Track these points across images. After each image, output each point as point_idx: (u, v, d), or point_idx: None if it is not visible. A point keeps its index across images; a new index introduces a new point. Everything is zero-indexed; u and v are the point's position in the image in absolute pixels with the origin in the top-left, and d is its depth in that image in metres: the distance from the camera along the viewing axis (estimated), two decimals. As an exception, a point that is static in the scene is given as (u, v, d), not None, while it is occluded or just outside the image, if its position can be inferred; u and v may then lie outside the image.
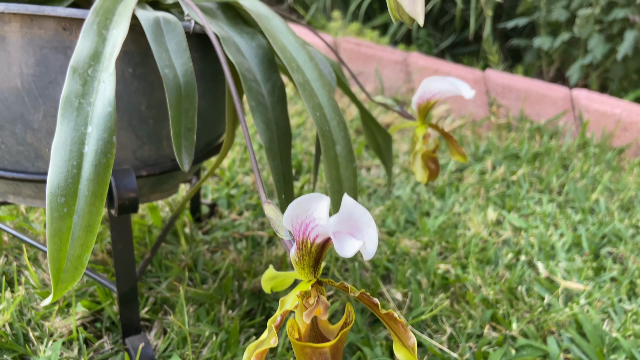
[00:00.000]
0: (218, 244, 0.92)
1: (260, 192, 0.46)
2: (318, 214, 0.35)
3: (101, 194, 0.40)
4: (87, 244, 0.39)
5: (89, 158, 0.41)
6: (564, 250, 1.04)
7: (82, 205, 0.39)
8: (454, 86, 0.69)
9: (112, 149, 0.41)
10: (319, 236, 0.36)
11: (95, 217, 0.39)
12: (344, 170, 0.54)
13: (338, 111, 0.55)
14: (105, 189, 0.41)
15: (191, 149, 0.52)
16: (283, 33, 0.58)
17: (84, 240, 0.39)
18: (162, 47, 0.51)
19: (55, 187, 0.38)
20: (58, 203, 0.38)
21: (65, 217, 0.38)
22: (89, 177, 0.40)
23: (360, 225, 0.34)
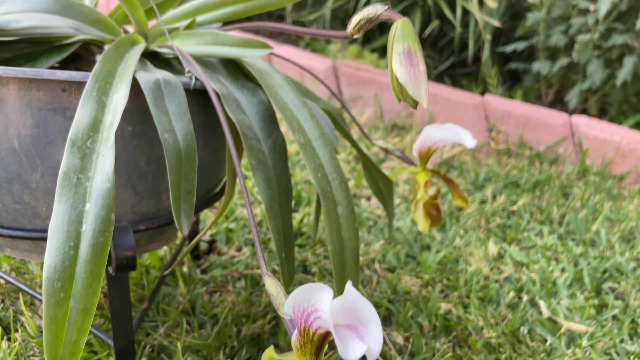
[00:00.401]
0: (217, 284, 0.91)
1: (261, 263, 0.45)
2: (321, 305, 0.34)
3: (98, 275, 0.39)
4: (83, 328, 0.38)
5: (87, 238, 0.40)
6: (566, 286, 1.03)
7: (79, 288, 0.38)
8: (456, 135, 0.68)
9: (110, 227, 0.40)
10: (322, 328, 0.35)
11: (92, 300, 0.39)
12: (345, 231, 0.53)
13: (340, 171, 0.55)
14: (102, 269, 0.40)
15: (191, 212, 0.51)
16: (284, 90, 0.58)
17: (81, 324, 0.38)
18: (162, 111, 0.50)
19: (51, 272, 0.38)
20: (54, 288, 0.37)
21: (62, 303, 0.37)
22: (86, 258, 0.39)
23: (364, 319, 0.33)
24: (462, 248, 1.12)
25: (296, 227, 1.10)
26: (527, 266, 1.08)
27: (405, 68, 0.36)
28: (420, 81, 0.35)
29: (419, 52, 0.36)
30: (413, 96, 0.35)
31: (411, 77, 0.35)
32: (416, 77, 0.35)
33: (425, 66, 0.36)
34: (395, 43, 0.37)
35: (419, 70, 0.35)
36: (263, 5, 0.64)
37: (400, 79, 0.36)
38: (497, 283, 1.01)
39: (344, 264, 0.53)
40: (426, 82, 0.36)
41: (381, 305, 0.90)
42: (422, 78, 0.35)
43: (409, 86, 0.35)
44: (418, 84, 0.35)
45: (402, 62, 0.36)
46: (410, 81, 0.35)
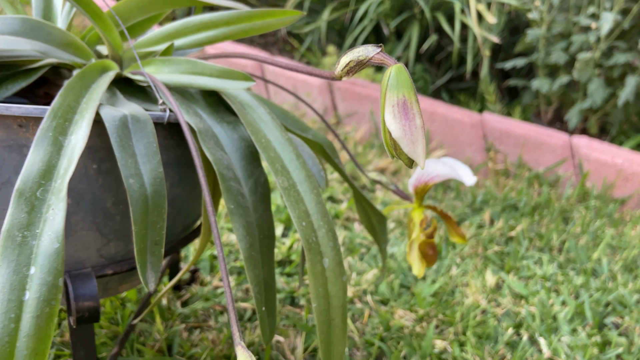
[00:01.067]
0: (197, 318, 0.86)
1: (234, 330, 0.40)
2: None
3: (43, 351, 0.34)
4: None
5: (30, 308, 0.34)
6: (567, 321, 0.98)
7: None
8: (454, 171, 0.63)
9: (57, 295, 0.35)
10: None
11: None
12: (332, 285, 0.48)
13: (327, 217, 0.50)
14: (47, 344, 0.34)
15: (158, 265, 0.46)
16: (268, 126, 0.52)
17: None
18: (128, 152, 0.45)
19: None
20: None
21: (-4, 390, 0.32)
22: (28, 331, 0.34)
23: None
24: (459, 278, 1.07)
25: (285, 254, 1.05)
26: (526, 299, 1.03)
27: (399, 122, 0.31)
28: (416, 137, 0.30)
29: (415, 104, 0.31)
30: (408, 154, 0.31)
31: (406, 132, 0.31)
32: (412, 133, 0.30)
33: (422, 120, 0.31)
34: (389, 93, 0.32)
35: (415, 125, 0.30)
36: (247, 30, 0.59)
37: (394, 134, 0.31)
38: (495, 318, 0.96)
39: (329, 323, 0.48)
40: (423, 138, 0.31)
41: (372, 344, 0.85)
42: (418, 134, 0.30)
43: (404, 143, 0.31)
44: (414, 140, 0.30)
45: (397, 115, 0.31)
46: (405, 137, 0.31)
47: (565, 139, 1.51)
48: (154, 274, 0.45)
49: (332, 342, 0.49)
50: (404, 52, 1.96)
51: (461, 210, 1.32)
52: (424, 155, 0.31)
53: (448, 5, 1.92)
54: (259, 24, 0.58)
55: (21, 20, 0.59)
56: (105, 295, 0.64)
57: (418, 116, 0.31)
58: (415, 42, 1.88)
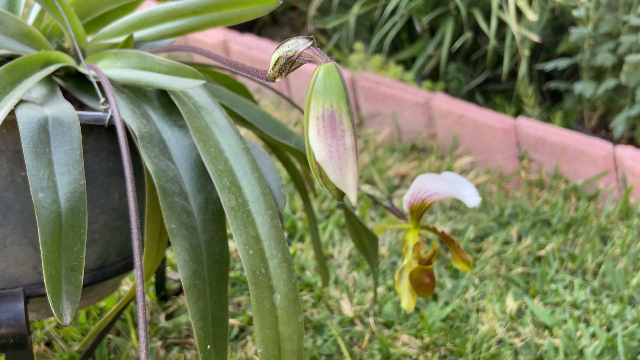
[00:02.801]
0: (180, 334, 0.79)
1: None
2: None
3: None
4: None
5: None
6: (595, 356, 0.87)
7: None
8: (454, 189, 0.54)
9: None
10: None
11: None
12: (284, 326, 0.40)
13: (283, 245, 0.42)
14: None
15: (76, 294, 0.39)
16: (223, 133, 0.45)
17: None
18: (42, 161, 0.38)
19: None
20: None
21: None
22: None
23: None
24: (476, 301, 0.97)
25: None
26: (550, 329, 0.92)
27: (324, 141, 0.23)
28: (345, 162, 0.22)
29: (346, 116, 0.23)
30: (334, 182, 0.23)
31: (332, 155, 0.23)
32: (340, 156, 0.22)
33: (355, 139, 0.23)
34: (313, 101, 0.24)
35: (344, 146, 0.22)
36: (216, 21, 0.52)
37: (317, 157, 0.23)
38: (513, 350, 0.86)
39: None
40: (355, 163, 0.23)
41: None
42: (348, 157, 0.22)
43: (330, 168, 0.23)
44: (342, 165, 0.22)
45: (321, 131, 0.23)
46: (332, 161, 0.23)
47: (609, 149, 1.38)
48: (70, 305, 0.38)
49: (284, 394, 0.41)
50: (436, 50, 1.85)
51: (486, 223, 1.21)
52: (355, 186, 0.23)
53: (485, 1, 1.79)
54: (229, 14, 0.51)
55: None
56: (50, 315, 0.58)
57: (349, 134, 0.23)
58: (449, 39, 1.77)
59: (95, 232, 0.50)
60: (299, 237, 1.06)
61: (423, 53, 1.84)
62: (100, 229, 0.50)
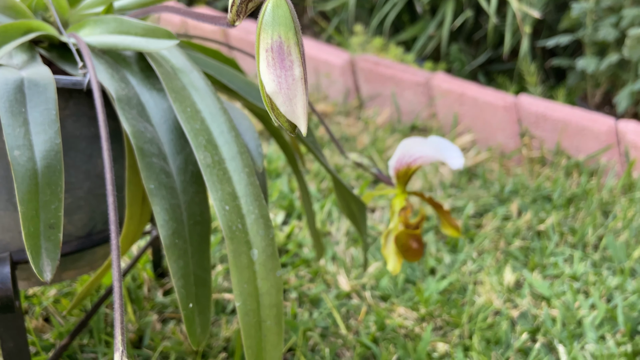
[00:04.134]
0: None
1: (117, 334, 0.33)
2: None
3: None
4: None
5: None
6: (594, 327, 0.86)
7: None
8: (439, 152, 0.54)
9: None
10: None
11: None
12: (262, 281, 0.41)
13: (260, 201, 0.42)
14: None
15: (55, 252, 0.39)
16: (200, 94, 0.45)
17: None
18: (18, 120, 0.38)
19: None
20: None
21: None
22: None
23: None
24: (473, 274, 0.97)
25: (282, 243, 0.98)
26: (548, 300, 0.92)
27: (273, 72, 0.23)
28: (294, 92, 0.22)
29: (294, 47, 0.23)
30: (285, 114, 0.23)
31: (282, 86, 0.23)
32: (289, 87, 0.22)
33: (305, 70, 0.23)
34: (262, 33, 0.24)
35: (293, 76, 0.22)
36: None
37: (267, 89, 0.23)
38: (510, 320, 0.86)
39: (259, 325, 0.41)
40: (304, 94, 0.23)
41: (361, 344, 0.77)
42: (297, 88, 0.22)
43: (279, 100, 0.23)
44: (291, 96, 0.22)
45: (270, 62, 0.23)
46: (281, 92, 0.23)
47: (611, 124, 1.36)
48: (50, 262, 0.39)
49: (263, 347, 0.42)
50: (437, 31, 1.84)
51: (486, 200, 1.21)
52: (305, 116, 0.23)
53: (486, -20, 1.77)
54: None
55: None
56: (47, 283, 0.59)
57: (297, 64, 0.23)
58: (450, 19, 1.75)
59: (80, 198, 0.50)
60: (296, 215, 1.06)
61: (424, 33, 1.82)
62: (85, 196, 0.51)
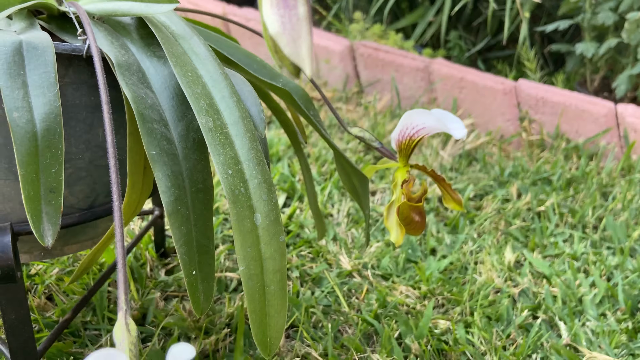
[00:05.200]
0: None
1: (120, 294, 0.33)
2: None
3: None
4: None
5: None
6: (594, 304, 0.87)
7: None
8: (442, 123, 0.54)
9: None
10: None
11: None
12: (265, 246, 0.40)
13: (263, 166, 0.42)
14: None
15: (56, 216, 0.39)
16: (201, 59, 0.45)
17: None
18: (16, 82, 0.38)
19: None
20: None
21: None
22: None
23: None
24: (474, 254, 0.97)
25: (284, 224, 0.97)
26: (548, 279, 0.92)
27: (277, 12, 0.23)
28: (298, 33, 0.22)
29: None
30: (289, 56, 0.22)
31: (285, 26, 0.22)
32: (293, 27, 0.22)
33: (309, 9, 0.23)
34: (266, -28, 0.24)
35: (297, 16, 0.22)
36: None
37: (271, 30, 0.23)
38: (510, 298, 0.86)
39: (263, 290, 0.41)
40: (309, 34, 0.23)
41: (364, 321, 0.77)
42: (301, 28, 0.22)
43: (283, 41, 0.22)
44: (295, 37, 0.22)
45: (274, 2, 0.23)
46: (285, 33, 0.22)
47: (610, 107, 1.36)
48: (50, 226, 0.39)
49: (268, 313, 0.42)
50: (436, 17, 1.84)
51: (486, 182, 1.21)
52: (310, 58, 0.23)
53: (485, -35, 1.77)
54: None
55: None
56: (49, 257, 0.59)
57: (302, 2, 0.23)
58: (449, 5, 1.75)
59: (81, 169, 0.50)
60: (297, 197, 1.06)
61: (423, 20, 1.82)
62: (86, 166, 0.50)
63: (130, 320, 0.32)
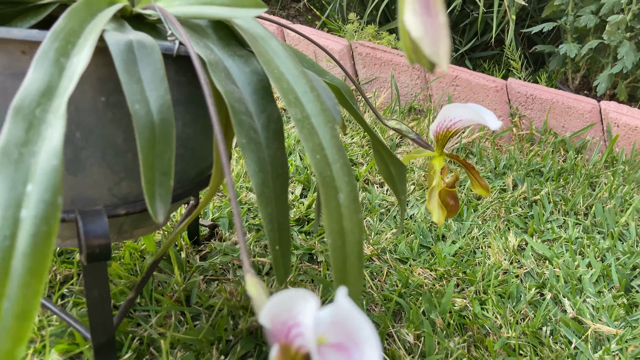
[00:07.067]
0: (216, 272, 0.85)
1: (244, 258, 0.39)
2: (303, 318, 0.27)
3: (40, 272, 0.33)
4: (20, 335, 0.31)
5: (26, 226, 0.33)
6: (592, 283, 0.95)
7: (15, 288, 0.32)
8: (479, 115, 0.61)
9: (56, 213, 0.34)
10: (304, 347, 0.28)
11: (32, 301, 0.32)
12: (347, 222, 0.46)
13: (342, 152, 0.48)
14: (45, 264, 0.33)
15: (167, 197, 0.44)
16: (281, 58, 0.50)
17: (17, 330, 0.31)
18: (133, 78, 0.43)
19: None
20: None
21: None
22: (24, 250, 0.33)
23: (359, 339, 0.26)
24: (480, 239, 1.04)
25: (304, 213, 1.03)
26: (550, 260, 1.00)
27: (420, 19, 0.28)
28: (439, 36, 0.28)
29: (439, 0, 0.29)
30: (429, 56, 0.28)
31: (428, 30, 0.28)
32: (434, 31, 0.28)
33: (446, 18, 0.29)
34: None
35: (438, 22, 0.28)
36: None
37: (414, 34, 0.28)
38: (517, 278, 0.94)
39: (345, 260, 0.46)
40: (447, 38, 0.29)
41: (391, 300, 0.83)
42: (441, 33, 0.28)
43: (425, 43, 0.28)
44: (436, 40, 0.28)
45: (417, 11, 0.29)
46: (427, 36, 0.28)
47: (594, 103, 1.46)
48: (162, 205, 0.44)
49: (348, 280, 0.47)
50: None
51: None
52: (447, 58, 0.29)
53: (473, -32, 1.86)
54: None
55: (31, -43, 0.58)
56: (120, 239, 0.63)
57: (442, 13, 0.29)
58: (438, 6, 1.82)
59: (161, 157, 0.55)
60: (314, 188, 1.12)
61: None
62: (166, 155, 0.55)
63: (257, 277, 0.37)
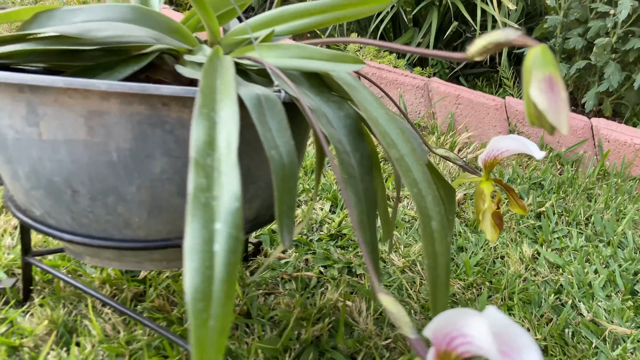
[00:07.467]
0: (268, 285, 0.92)
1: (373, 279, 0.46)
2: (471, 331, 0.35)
3: (231, 295, 0.40)
4: (220, 347, 0.38)
5: (220, 258, 0.40)
6: (601, 288, 1.05)
7: (216, 308, 0.39)
8: (524, 145, 0.70)
9: (239, 246, 0.41)
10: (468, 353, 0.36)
11: (228, 319, 0.39)
12: (438, 245, 0.55)
13: (432, 186, 0.56)
14: (234, 288, 0.40)
15: (292, 226, 0.52)
16: (373, 105, 0.58)
17: (219, 344, 0.38)
18: (265, 127, 0.51)
19: (195, 292, 0.38)
20: (198, 309, 0.38)
21: (205, 323, 0.38)
22: (221, 277, 0.40)
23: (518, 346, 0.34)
24: (497, 250, 1.14)
25: (336, 229, 1.11)
26: (562, 268, 1.10)
27: (546, 95, 0.37)
28: (561, 109, 0.36)
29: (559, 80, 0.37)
30: (552, 123, 0.37)
31: (552, 105, 0.37)
32: (557, 105, 0.36)
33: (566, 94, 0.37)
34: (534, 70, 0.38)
35: (561, 98, 0.36)
36: (340, 18, 0.65)
37: (540, 106, 0.37)
38: (536, 285, 1.04)
39: (436, 278, 0.55)
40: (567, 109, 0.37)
41: (429, 309, 0.92)
42: (563, 106, 0.36)
43: (550, 114, 0.37)
44: (559, 111, 0.36)
45: (543, 89, 0.37)
46: (551, 109, 0.37)
47: (586, 121, 1.58)
48: (288, 233, 0.51)
49: (438, 295, 0.56)
50: (423, 38, 2.02)
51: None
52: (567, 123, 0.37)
53: (467, -8, 1.97)
54: (351, 12, 0.64)
55: (132, 9, 0.65)
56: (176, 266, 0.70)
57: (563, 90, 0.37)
58: (435, 28, 1.93)
59: (259, 188, 0.63)
60: (341, 205, 1.20)
61: (413, 41, 2.00)
62: (263, 186, 0.63)
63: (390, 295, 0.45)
